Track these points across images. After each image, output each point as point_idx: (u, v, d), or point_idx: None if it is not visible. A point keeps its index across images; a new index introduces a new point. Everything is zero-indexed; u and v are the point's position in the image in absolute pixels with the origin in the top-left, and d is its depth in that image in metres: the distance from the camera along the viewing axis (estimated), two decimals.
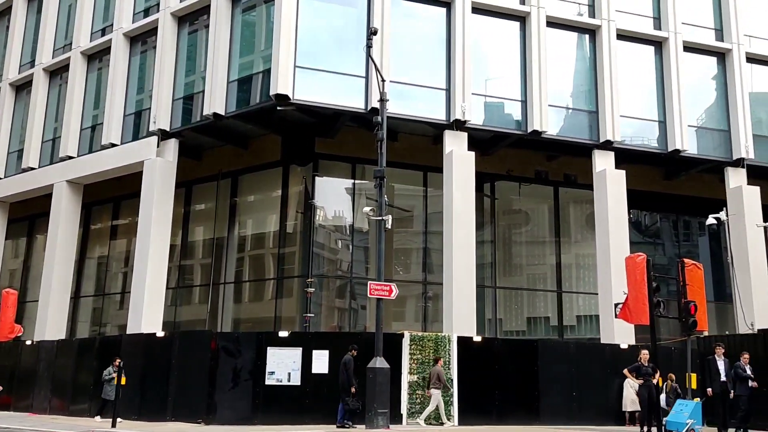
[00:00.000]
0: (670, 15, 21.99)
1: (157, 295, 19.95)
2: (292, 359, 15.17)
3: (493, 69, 20.74)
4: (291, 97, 18.18)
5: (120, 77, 22.61)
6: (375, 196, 15.76)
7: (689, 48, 22.17)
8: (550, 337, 22.49)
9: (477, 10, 20.35)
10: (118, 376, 14.82)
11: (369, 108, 18.51)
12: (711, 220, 19.94)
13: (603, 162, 20.73)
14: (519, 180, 23.53)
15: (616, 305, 15.86)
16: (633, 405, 16.02)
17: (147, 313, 19.48)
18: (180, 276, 24.14)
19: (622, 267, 16.25)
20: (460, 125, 19.52)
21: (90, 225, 27.31)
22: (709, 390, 14.13)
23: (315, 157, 21.42)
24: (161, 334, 17.03)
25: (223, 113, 19.40)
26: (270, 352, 15.22)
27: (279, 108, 18.57)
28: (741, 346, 15.13)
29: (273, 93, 18.02)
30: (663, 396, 15.33)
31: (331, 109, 19.01)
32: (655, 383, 13.81)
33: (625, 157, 21.31)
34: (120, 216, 26.60)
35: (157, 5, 22.20)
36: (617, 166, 20.80)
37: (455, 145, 19.41)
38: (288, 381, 15.08)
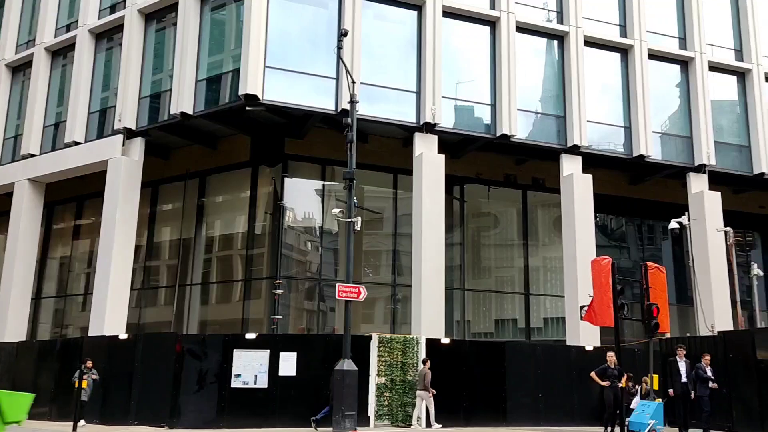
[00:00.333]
0: (635, 23, 22.41)
1: (121, 297, 19.58)
2: (259, 362, 15.03)
3: (464, 73, 20.87)
4: (260, 98, 18.03)
5: (85, 74, 22.16)
6: (344, 197, 15.72)
7: (654, 56, 22.63)
8: (517, 339, 22.70)
9: (448, 13, 20.47)
10: (79, 379, 14.49)
11: (339, 109, 18.46)
12: (673, 224, 20.35)
13: (570, 166, 21.01)
14: (488, 183, 23.73)
15: (581, 308, 16.03)
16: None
17: (110, 315, 19.10)
18: (145, 277, 23.75)
19: (588, 270, 16.47)
20: (430, 128, 19.59)
21: (52, 224, 26.70)
22: (671, 391, 14.42)
23: (284, 158, 21.29)
24: (124, 336, 16.73)
25: (191, 113, 19.14)
26: (236, 354, 15.07)
27: (248, 108, 18.40)
28: (701, 347, 15.48)
29: (242, 93, 17.85)
30: (637, 398, 15.49)
31: (301, 110, 18.91)
32: (621, 386, 13.99)
33: (592, 162, 21.63)
34: (83, 215, 26.07)
35: (124, 2, 21.84)
36: (584, 170, 21.09)
37: (425, 148, 19.47)
38: (254, 384, 14.93)
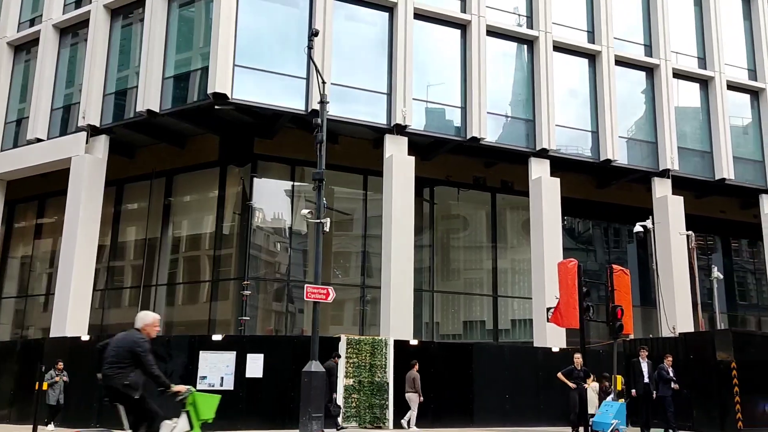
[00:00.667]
0: (603, 30, 22.77)
1: (83, 298, 19.15)
2: (225, 363, 14.86)
3: (435, 75, 20.94)
4: (229, 97, 17.83)
5: (48, 70, 21.64)
6: (314, 198, 15.61)
7: (621, 62, 23.02)
8: (485, 341, 22.84)
9: (419, 15, 20.52)
10: (39, 381, 14.14)
11: (309, 110, 18.36)
12: (638, 227, 20.72)
13: (539, 169, 21.24)
14: (458, 185, 23.85)
15: (548, 309, 16.21)
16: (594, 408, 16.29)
17: (72, 316, 18.66)
18: (109, 277, 23.28)
19: (555, 272, 16.64)
20: (400, 130, 19.61)
21: (13, 223, 25.98)
22: (633, 391, 14.65)
23: (253, 158, 21.09)
24: (86, 337, 16.38)
25: (158, 110, 18.83)
26: (202, 356, 14.87)
27: (217, 107, 18.19)
28: (664, 348, 15.77)
29: (211, 92, 17.63)
30: (611, 398, 15.66)
31: (271, 110, 18.76)
32: (586, 387, 14.15)
33: (560, 166, 21.90)
34: (45, 214, 25.45)
35: None
36: (552, 173, 21.34)
37: (395, 150, 19.48)
38: (221, 385, 14.73)
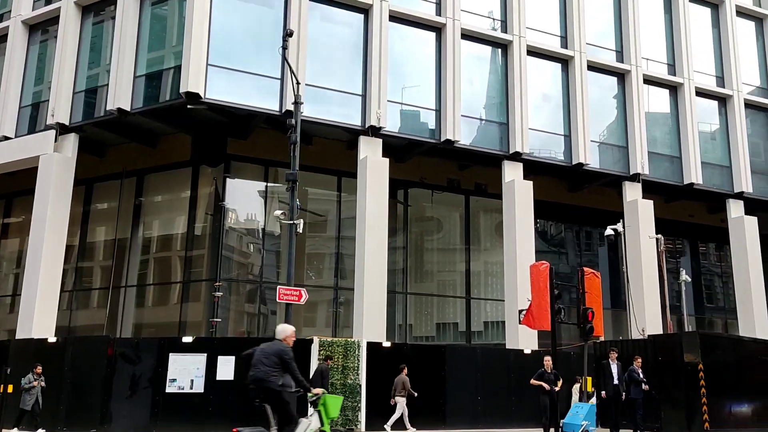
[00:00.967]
0: (575, 35, 23.04)
1: (50, 299, 18.77)
2: (195, 366, 14.68)
3: (410, 77, 20.98)
4: (202, 96, 17.65)
5: (17, 67, 21.19)
6: (287, 199, 15.52)
7: (593, 67, 23.32)
8: (457, 343, 22.92)
9: (394, 18, 20.55)
10: (4, 383, 13.82)
11: (283, 110, 18.27)
12: (609, 231, 20.99)
13: (512, 173, 21.39)
14: (432, 188, 23.92)
15: (520, 312, 16.33)
16: None
17: (39, 318, 18.27)
18: (77, 278, 22.86)
19: (527, 274, 16.77)
20: (375, 131, 19.60)
21: None
22: (603, 393, 14.80)
23: (227, 158, 20.90)
24: (53, 339, 16.07)
25: (129, 109, 18.57)
26: (172, 358, 14.68)
27: (189, 106, 17.98)
28: (633, 350, 15.95)
29: (183, 91, 17.43)
30: (575, 398, 15.81)
31: (244, 110, 18.61)
32: (557, 389, 14.23)
33: (533, 169, 22.08)
34: (12, 213, 24.93)
35: None
36: (525, 177, 21.51)
37: (370, 151, 19.46)
38: (190, 388, 14.57)
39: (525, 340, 18.89)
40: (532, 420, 16.79)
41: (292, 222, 14.67)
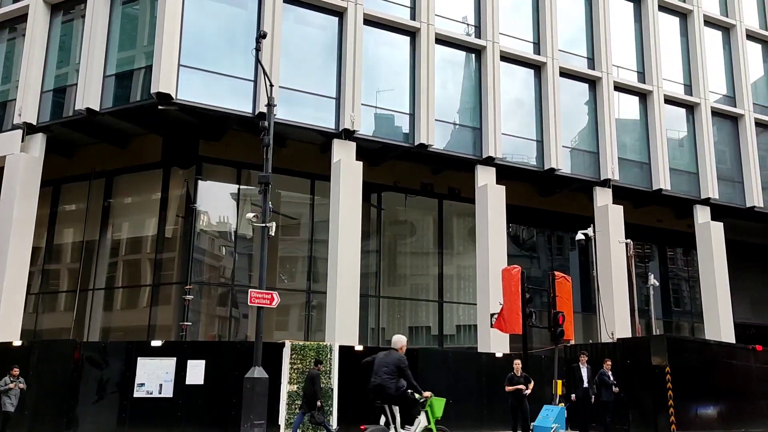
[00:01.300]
0: (548, 42, 23.31)
1: (16, 301, 18.34)
2: (164, 370, 14.47)
3: (384, 81, 21.01)
4: (174, 97, 17.44)
5: None
6: (260, 202, 15.41)
7: (565, 74, 23.60)
8: (430, 346, 22.96)
9: (369, 21, 20.56)
10: None
11: (256, 112, 18.15)
12: (580, 235, 21.22)
13: (485, 177, 21.54)
14: (405, 191, 23.96)
15: (491, 315, 16.43)
16: None
17: (3, 321, 17.82)
18: (44, 281, 22.40)
19: (500, 278, 16.88)
20: (348, 135, 19.58)
21: None
22: (573, 396, 14.96)
23: (198, 160, 20.69)
24: (18, 342, 15.71)
25: (98, 109, 18.28)
26: (140, 362, 14.45)
27: (160, 107, 17.75)
28: (603, 354, 16.16)
29: (154, 91, 17.20)
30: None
31: (217, 112, 18.42)
32: (527, 393, 14.31)
33: (506, 174, 22.24)
34: None
35: None
36: (498, 181, 21.66)
37: (343, 155, 19.43)
38: (159, 393, 14.35)
39: (497, 343, 19.01)
40: (503, 423, 16.88)
41: (264, 225, 14.56)
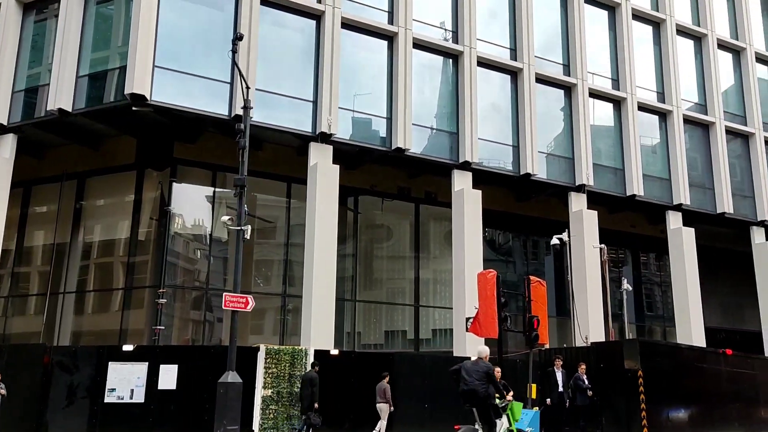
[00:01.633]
0: (524, 48, 23.52)
1: None
2: (136, 375, 14.25)
3: (361, 85, 21.00)
4: (148, 98, 17.24)
5: None
6: (235, 205, 15.29)
7: (541, 80, 23.82)
8: (405, 350, 22.96)
9: (347, 25, 20.56)
10: None
11: (233, 115, 18.01)
12: (555, 240, 21.41)
13: (461, 182, 21.62)
14: (382, 195, 23.96)
15: (467, 319, 16.46)
16: None
17: None
18: (13, 284, 21.96)
19: (475, 282, 16.92)
20: (325, 138, 19.52)
21: None
22: (548, 400, 15.05)
23: (173, 162, 20.46)
24: None
25: (70, 110, 17.99)
26: (111, 367, 14.22)
27: (135, 108, 17.53)
28: (577, 358, 16.30)
29: (128, 92, 16.99)
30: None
31: (192, 114, 18.23)
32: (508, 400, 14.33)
33: (482, 178, 22.36)
34: None
35: None
36: (474, 186, 21.76)
37: (320, 158, 19.37)
38: (130, 398, 14.13)
39: (472, 347, 19.00)
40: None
41: (239, 228, 14.46)
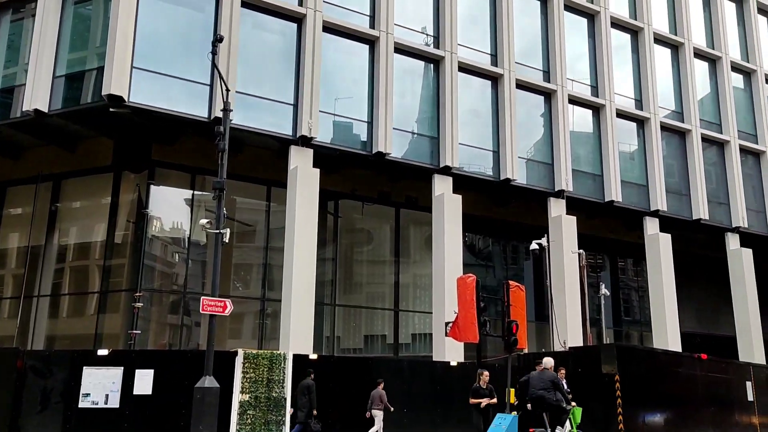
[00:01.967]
0: (505, 54, 23.68)
1: None
2: (111, 380, 14.01)
3: (342, 89, 20.98)
4: (126, 100, 17.06)
5: None
6: (214, 208, 15.15)
7: (521, 86, 24.00)
8: (385, 355, 22.91)
9: (328, 29, 20.53)
10: None
11: (212, 117, 17.89)
12: (534, 245, 21.54)
13: (442, 186, 21.67)
14: (362, 199, 23.92)
15: (446, 324, 16.46)
16: None
17: None
18: None
19: (455, 287, 16.94)
20: (306, 141, 19.46)
21: None
22: (529, 405, 15.06)
23: (151, 164, 20.23)
24: None
25: (47, 110, 17.74)
26: (86, 371, 13.97)
27: (112, 110, 17.32)
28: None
29: (106, 93, 16.79)
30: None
31: (171, 116, 18.07)
32: (492, 403, 14.32)
33: (462, 183, 22.43)
34: None
35: None
36: (455, 190, 21.83)
37: (300, 161, 19.29)
38: (105, 403, 13.89)
39: (451, 352, 19.08)
40: (457, 430, 16.95)
41: (218, 231, 14.34)
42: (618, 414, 15.02)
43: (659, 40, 28.40)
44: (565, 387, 14.87)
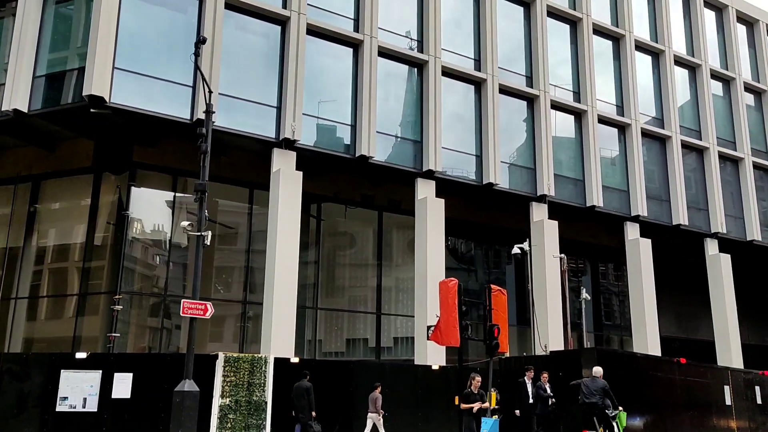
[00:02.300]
0: (488, 59, 23.82)
1: None
2: (89, 383, 13.83)
3: (326, 92, 20.96)
4: (107, 100, 16.90)
5: None
6: (196, 210, 15.05)
7: (504, 91, 24.15)
8: (366, 359, 22.88)
9: (312, 32, 20.52)
10: None
11: (195, 119, 17.78)
12: (516, 249, 21.65)
13: (425, 190, 21.73)
14: (345, 203, 23.90)
15: (428, 328, 16.46)
16: None
17: None
18: None
19: (437, 291, 16.95)
20: (289, 144, 19.41)
21: None
22: (517, 411, 15.11)
23: (132, 166, 20.05)
24: None
25: (26, 110, 17.52)
26: (64, 375, 13.76)
27: (93, 110, 17.15)
28: (537, 366, 16.43)
29: (86, 94, 16.63)
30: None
31: (153, 117, 17.93)
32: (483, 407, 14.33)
33: (445, 187, 22.50)
34: None
35: None
36: (437, 194, 21.89)
37: (283, 164, 19.24)
38: (83, 407, 13.71)
39: (433, 355, 19.10)
40: None
41: (199, 234, 14.23)
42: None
43: (640, 47, 28.74)
44: (548, 392, 14.98)
